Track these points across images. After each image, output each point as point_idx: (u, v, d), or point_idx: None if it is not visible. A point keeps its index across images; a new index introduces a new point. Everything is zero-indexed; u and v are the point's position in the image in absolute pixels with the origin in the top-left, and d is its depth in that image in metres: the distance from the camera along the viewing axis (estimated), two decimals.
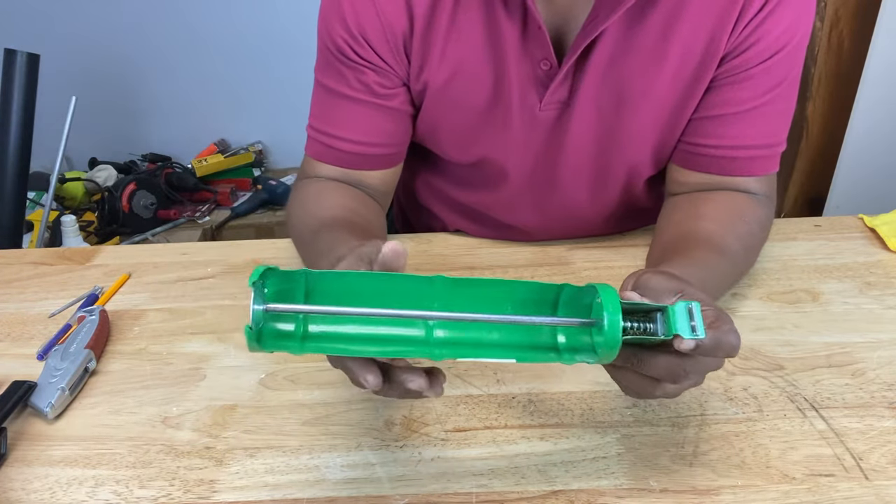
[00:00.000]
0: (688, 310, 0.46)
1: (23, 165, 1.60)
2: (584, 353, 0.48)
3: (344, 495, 0.55)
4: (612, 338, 0.45)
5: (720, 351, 0.48)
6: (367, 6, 0.71)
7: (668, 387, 0.50)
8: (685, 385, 0.51)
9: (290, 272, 0.47)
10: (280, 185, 2.32)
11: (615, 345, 0.45)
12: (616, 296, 0.45)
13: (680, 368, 0.48)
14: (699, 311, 0.46)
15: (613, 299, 0.45)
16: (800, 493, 0.53)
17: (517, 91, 0.73)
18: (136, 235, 2.17)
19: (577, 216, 0.86)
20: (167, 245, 0.95)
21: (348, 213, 0.74)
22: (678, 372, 0.48)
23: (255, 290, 0.45)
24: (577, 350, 0.49)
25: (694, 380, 0.51)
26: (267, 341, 0.46)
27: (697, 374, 0.50)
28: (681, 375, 0.49)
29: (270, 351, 0.46)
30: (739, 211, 0.74)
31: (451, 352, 0.47)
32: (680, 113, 0.74)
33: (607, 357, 0.46)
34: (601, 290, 0.45)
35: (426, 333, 0.48)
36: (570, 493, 0.54)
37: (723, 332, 0.48)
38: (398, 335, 0.48)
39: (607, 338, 0.45)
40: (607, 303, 0.45)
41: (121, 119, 2.46)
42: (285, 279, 0.47)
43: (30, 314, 0.80)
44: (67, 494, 0.57)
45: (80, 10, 2.28)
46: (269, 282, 0.46)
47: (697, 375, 0.50)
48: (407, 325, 0.48)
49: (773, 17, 0.68)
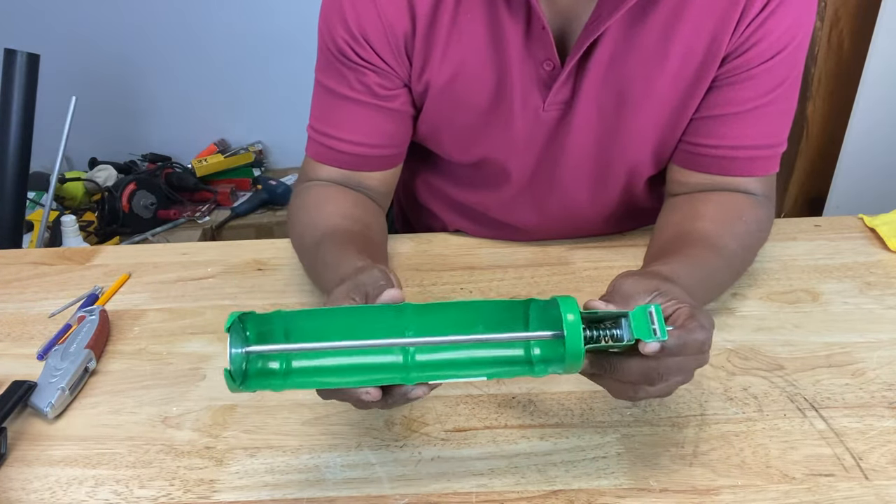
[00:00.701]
0: (648, 313, 0.47)
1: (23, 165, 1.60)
2: (556, 363, 0.49)
3: (344, 495, 0.55)
4: (573, 349, 0.46)
5: (687, 349, 0.48)
6: (369, 7, 0.71)
7: (649, 389, 0.50)
8: (670, 384, 0.51)
9: (266, 315, 0.48)
10: (280, 185, 2.32)
11: (578, 356, 0.46)
12: (576, 307, 0.47)
13: (653, 371, 0.49)
14: (660, 313, 0.47)
15: (573, 311, 0.46)
16: (800, 493, 0.53)
17: (519, 91, 0.73)
18: (136, 235, 2.17)
19: (577, 216, 0.86)
20: (167, 245, 0.95)
21: (349, 221, 0.74)
22: (652, 375, 0.49)
23: (235, 333, 0.46)
24: (550, 361, 0.50)
25: (678, 378, 0.51)
26: (252, 381, 0.47)
27: (678, 374, 0.50)
28: (656, 378, 0.49)
29: (254, 391, 0.47)
30: (738, 211, 0.74)
31: (428, 374, 0.48)
32: (681, 113, 0.74)
33: (573, 367, 0.47)
34: (561, 303, 0.47)
35: (404, 359, 0.49)
36: (570, 493, 0.54)
37: (688, 331, 0.48)
38: (377, 363, 0.49)
39: (568, 349, 0.46)
40: (566, 312, 0.46)
41: (121, 119, 2.46)
42: (262, 321, 0.48)
43: (30, 314, 0.80)
44: (67, 494, 0.57)
45: (80, 10, 2.28)
46: (248, 325, 0.48)
47: (679, 374, 0.50)
48: (385, 353, 0.49)
49: (775, 17, 0.68)
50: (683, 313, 0.50)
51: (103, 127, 2.42)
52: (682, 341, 0.48)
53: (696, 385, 0.64)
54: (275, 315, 0.48)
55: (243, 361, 0.47)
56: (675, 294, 0.52)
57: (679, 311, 0.51)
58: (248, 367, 0.47)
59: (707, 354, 0.51)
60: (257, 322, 0.48)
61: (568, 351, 0.46)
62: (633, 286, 0.53)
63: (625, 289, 0.52)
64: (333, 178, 0.79)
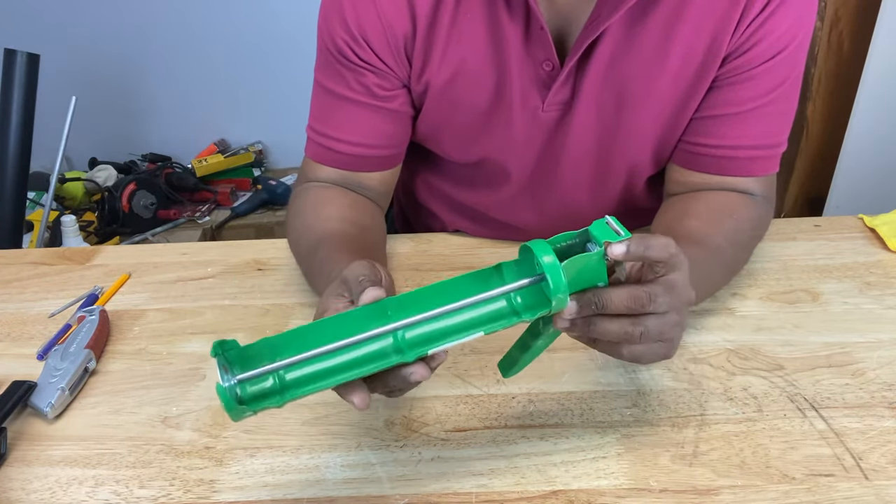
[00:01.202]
0: (605, 222, 0.48)
1: (23, 165, 1.60)
2: (542, 306, 0.49)
3: (344, 495, 0.55)
4: (555, 281, 0.46)
5: (655, 249, 0.48)
6: (369, 7, 0.71)
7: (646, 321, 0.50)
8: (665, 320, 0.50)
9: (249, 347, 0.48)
10: (280, 185, 2.32)
11: (561, 286, 0.46)
12: (545, 243, 0.47)
13: (641, 291, 0.49)
14: (616, 220, 0.48)
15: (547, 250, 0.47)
16: (800, 493, 0.53)
17: (519, 92, 0.73)
18: (136, 235, 2.17)
19: (576, 216, 0.86)
20: (167, 245, 0.95)
21: (346, 224, 0.74)
22: (640, 296, 0.49)
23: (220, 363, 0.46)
24: (535, 306, 0.50)
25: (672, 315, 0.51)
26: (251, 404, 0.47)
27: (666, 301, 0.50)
28: (645, 299, 0.49)
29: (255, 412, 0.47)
30: (728, 208, 0.74)
31: (422, 349, 0.48)
32: (681, 113, 0.74)
33: (561, 301, 0.47)
34: (534, 246, 0.47)
35: (395, 342, 0.49)
36: (570, 493, 0.54)
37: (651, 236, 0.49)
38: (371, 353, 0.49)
39: (553, 282, 0.46)
40: (541, 255, 0.47)
41: (121, 119, 2.46)
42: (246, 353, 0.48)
43: (30, 314, 0.80)
44: (67, 494, 0.57)
45: (80, 10, 2.28)
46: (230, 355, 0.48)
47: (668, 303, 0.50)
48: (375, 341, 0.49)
49: (775, 17, 0.68)
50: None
51: (103, 127, 2.42)
52: (646, 242, 0.48)
53: (696, 385, 0.64)
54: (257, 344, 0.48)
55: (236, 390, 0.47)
56: None
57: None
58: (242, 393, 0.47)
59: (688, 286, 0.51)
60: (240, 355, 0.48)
61: (553, 286, 0.46)
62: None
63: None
64: (332, 179, 0.79)
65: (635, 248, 0.47)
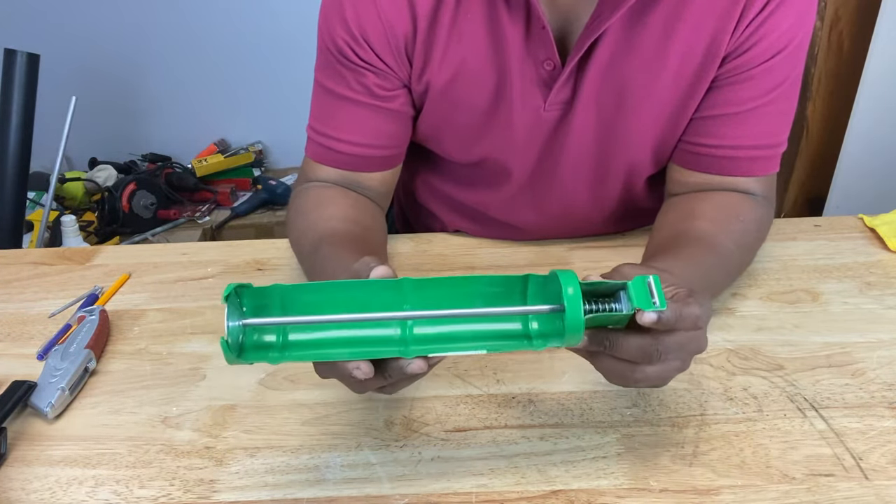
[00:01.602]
0: (647, 284, 0.47)
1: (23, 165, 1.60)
2: (554, 337, 0.48)
3: (344, 495, 0.55)
4: (573, 319, 0.45)
5: (684, 322, 0.48)
6: (369, 7, 0.71)
7: (648, 369, 0.50)
8: (667, 367, 0.50)
9: (262, 288, 0.48)
10: (280, 185, 2.32)
11: (578, 326, 0.46)
12: (575, 279, 0.46)
13: (652, 348, 0.48)
14: (658, 284, 0.46)
15: (573, 282, 0.46)
16: (800, 493, 0.53)
17: (520, 91, 0.73)
18: (136, 235, 2.17)
19: (576, 215, 0.86)
20: (167, 245, 0.95)
21: (348, 224, 0.74)
22: (651, 351, 0.49)
23: (232, 305, 0.46)
24: (549, 335, 0.49)
25: (676, 362, 0.50)
26: (249, 353, 0.47)
27: (676, 355, 0.50)
28: (654, 355, 0.49)
29: (251, 363, 0.47)
30: (735, 210, 0.74)
31: (425, 348, 0.48)
32: (681, 113, 0.74)
33: (573, 339, 0.47)
34: (561, 276, 0.46)
35: (402, 332, 0.49)
36: (570, 493, 0.54)
37: (685, 304, 0.48)
38: (375, 336, 0.49)
39: (569, 320, 0.45)
40: (566, 286, 0.46)
41: (121, 119, 2.46)
42: (259, 294, 0.48)
43: (30, 314, 0.80)
44: (67, 494, 0.57)
45: (80, 10, 2.28)
46: (244, 298, 0.47)
47: (676, 356, 0.50)
48: (383, 326, 0.49)
49: (775, 17, 0.68)
50: (682, 294, 0.50)
51: (103, 127, 2.42)
52: (678, 313, 0.47)
53: (696, 385, 0.64)
54: (272, 288, 0.48)
55: (240, 334, 0.47)
56: (672, 280, 0.52)
57: (678, 292, 0.51)
58: (244, 339, 0.47)
59: (704, 339, 0.51)
60: (254, 295, 0.48)
61: (568, 323, 0.45)
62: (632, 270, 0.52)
63: (623, 271, 0.52)
64: (332, 179, 0.79)
65: (666, 320, 0.47)
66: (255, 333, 0.48)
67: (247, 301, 0.48)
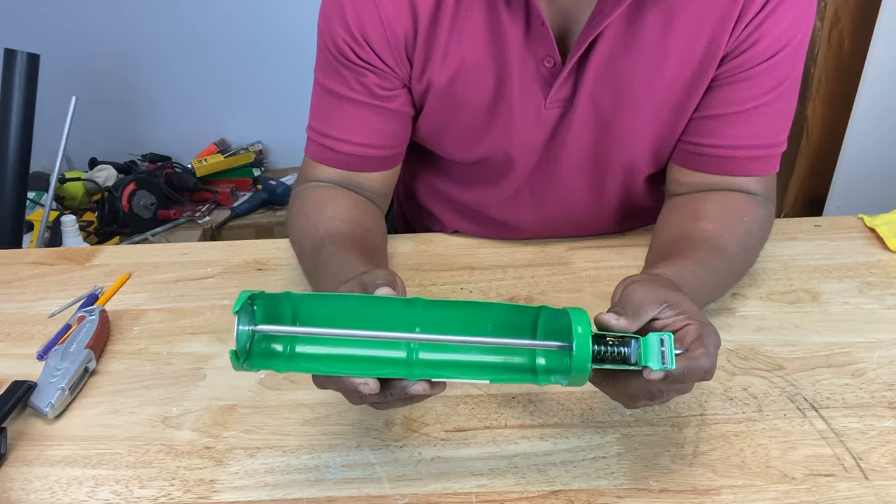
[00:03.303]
0: (660, 340, 0.47)
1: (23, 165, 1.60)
2: (560, 374, 0.49)
3: (344, 495, 0.55)
4: (579, 364, 0.46)
5: (691, 377, 0.49)
6: (369, 7, 0.71)
7: (649, 402, 0.52)
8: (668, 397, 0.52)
9: (275, 295, 0.49)
10: (280, 185, 2.32)
11: (584, 371, 0.46)
12: (587, 321, 0.47)
13: (655, 389, 0.50)
14: (671, 343, 0.47)
15: (584, 324, 0.46)
16: (800, 493, 0.53)
17: (521, 90, 0.73)
18: (136, 235, 2.17)
19: (576, 214, 0.86)
20: (167, 245, 0.95)
21: (349, 224, 0.74)
22: (653, 392, 0.50)
23: (244, 312, 0.46)
24: (554, 372, 0.50)
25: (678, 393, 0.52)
26: (255, 360, 0.48)
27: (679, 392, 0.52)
28: (657, 396, 0.50)
29: (256, 370, 0.48)
30: (738, 211, 0.74)
31: (429, 372, 0.49)
32: (680, 112, 0.74)
33: (578, 381, 0.47)
34: (573, 316, 0.47)
35: (408, 355, 0.49)
36: (570, 493, 0.54)
37: (693, 359, 0.49)
38: (381, 357, 0.49)
39: (575, 364, 0.46)
40: (576, 328, 0.46)
41: (121, 119, 2.46)
42: (271, 301, 0.49)
43: (30, 314, 0.80)
44: (67, 494, 0.57)
45: (80, 9, 2.28)
46: (257, 304, 0.48)
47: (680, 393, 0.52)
48: (390, 346, 0.50)
49: (774, 16, 0.68)
50: (692, 333, 0.50)
51: (103, 127, 2.42)
52: (686, 370, 0.48)
53: (696, 385, 0.64)
54: (284, 296, 0.49)
55: (249, 340, 0.47)
56: (684, 308, 0.52)
57: (688, 329, 0.51)
58: (252, 345, 0.48)
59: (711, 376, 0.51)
60: (266, 301, 0.49)
61: (575, 366, 0.46)
62: (644, 296, 0.52)
63: (636, 299, 0.52)
64: (332, 179, 0.79)
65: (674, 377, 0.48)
66: (264, 341, 0.49)
67: (259, 307, 0.48)
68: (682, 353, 0.49)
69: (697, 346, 0.49)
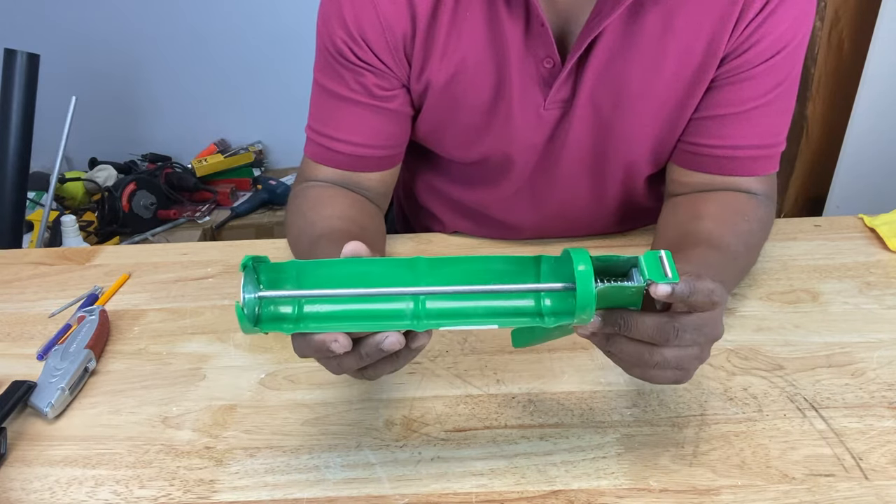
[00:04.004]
0: (658, 258, 0.46)
1: (23, 165, 1.60)
2: (566, 314, 0.48)
3: (344, 495, 0.55)
4: (584, 294, 0.45)
5: (698, 295, 0.47)
6: (368, 7, 0.71)
7: (665, 352, 0.49)
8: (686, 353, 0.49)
9: (279, 263, 0.49)
10: (280, 185, 2.32)
11: (590, 301, 0.45)
12: (588, 256, 0.46)
13: (669, 326, 0.48)
14: (671, 258, 0.46)
15: (585, 259, 0.46)
16: (800, 493, 0.53)
17: (520, 90, 0.73)
18: (136, 235, 2.17)
19: (575, 214, 0.86)
20: (167, 245, 0.95)
21: (346, 223, 0.74)
22: (668, 330, 0.48)
23: (248, 278, 0.47)
24: (561, 313, 0.49)
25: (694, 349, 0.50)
26: (264, 324, 0.48)
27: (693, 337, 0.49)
28: (671, 333, 0.48)
29: (266, 332, 0.48)
30: (740, 210, 0.74)
31: (438, 322, 0.49)
32: (679, 112, 0.74)
33: (585, 316, 0.46)
34: (573, 253, 0.46)
35: (415, 306, 0.49)
36: (570, 493, 0.54)
37: (698, 278, 0.48)
38: (389, 309, 0.49)
39: (580, 294, 0.45)
40: (578, 263, 0.46)
41: (121, 119, 2.46)
42: (275, 269, 0.49)
43: (30, 314, 0.80)
44: (67, 494, 0.57)
45: (80, 9, 2.28)
46: (261, 272, 0.49)
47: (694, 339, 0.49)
48: (397, 300, 0.50)
49: (774, 17, 0.68)
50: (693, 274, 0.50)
51: (103, 127, 2.42)
52: (692, 286, 0.47)
53: (696, 385, 0.64)
54: (288, 264, 0.49)
55: (256, 306, 0.48)
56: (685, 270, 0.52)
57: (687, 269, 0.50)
58: (260, 311, 0.48)
59: (721, 322, 0.50)
60: (270, 269, 0.49)
61: (579, 297, 0.45)
62: None
63: None
64: (331, 179, 0.79)
65: (679, 292, 0.47)
66: (271, 305, 0.49)
67: (263, 275, 0.49)
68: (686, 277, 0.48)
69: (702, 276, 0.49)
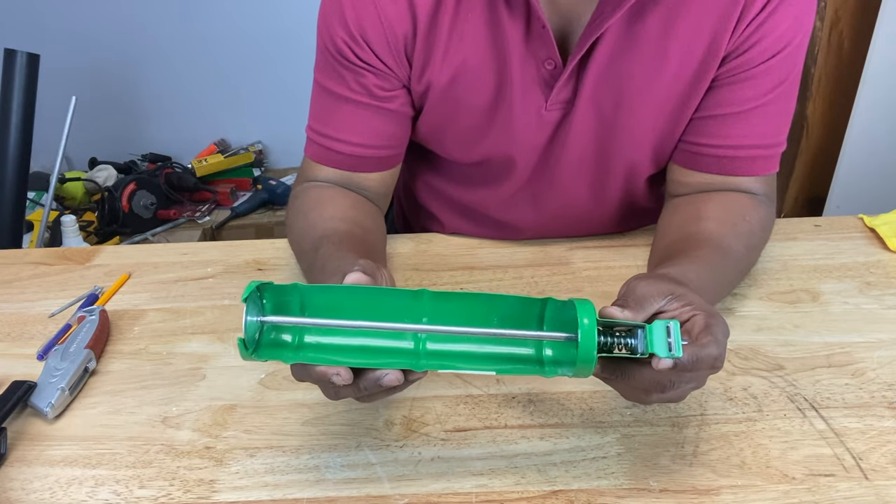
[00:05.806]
0: (666, 328, 0.47)
1: (23, 165, 1.60)
2: (566, 366, 0.49)
3: (344, 495, 0.55)
4: (585, 354, 0.46)
5: (700, 365, 0.48)
6: (368, 8, 0.71)
7: (661, 395, 0.51)
8: (683, 391, 0.51)
9: (284, 286, 0.49)
10: (280, 185, 2.32)
11: (590, 361, 0.46)
12: (593, 312, 0.47)
13: (665, 380, 0.49)
14: (677, 329, 0.47)
15: (590, 316, 0.46)
16: (800, 493, 0.53)
17: (521, 91, 0.73)
18: (136, 235, 2.17)
19: (576, 214, 0.86)
20: (167, 245, 0.95)
21: (348, 224, 0.74)
22: (663, 383, 0.49)
23: (252, 302, 0.47)
24: (561, 363, 0.50)
25: (691, 385, 0.51)
26: (264, 351, 0.48)
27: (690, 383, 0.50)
28: (667, 386, 0.49)
29: (265, 360, 0.48)
30: (740, 210, 0.74)
31: (437, 363, 0.49)
32: (680, 112, 0.74)
33: (584, 372, 0.47)
34: (578, 306, 0.47)
35: (416, 345, 0.49)
36: (570, 493, 0.54)
37: (702, 346, 0.48)
38: (389, 347, 0.49)
39: (581, 354, 0.46)
40: (582, 320, 0.46)
41: (121, 119, 2.46)
42: (279, 293, 0.49)
43: (30, 314, 0.80)
44: (67, 494, 0.57)
45: (80, 9, 2.28)
46: (266, 295, 0.49)
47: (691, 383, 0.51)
48: (397, 337, 0.50)
49: (775, 17, 0.68)
50: (699, 323, 0.50)
51: (103, 127, 2.42)
52: (695, 357, 0.48)
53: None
54: (292, 287, 0.49)
55: (257, 330, 0.48)
56: (689, 299, 0.52)
57: (695, 319, 0.51)
58: (261, 336, 0.48)
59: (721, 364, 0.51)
60: (274, 293, 0.49)
61: (580, 356, 0.46)
62: (648, 289, 0.52)
63: (639, 291, 0.52)
64: (332, 179, 0.79)
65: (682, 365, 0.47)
66: (273, 332, 0.49)
67: (268, 298, 0.49)
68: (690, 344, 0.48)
69: (705, 334, 0.49)
